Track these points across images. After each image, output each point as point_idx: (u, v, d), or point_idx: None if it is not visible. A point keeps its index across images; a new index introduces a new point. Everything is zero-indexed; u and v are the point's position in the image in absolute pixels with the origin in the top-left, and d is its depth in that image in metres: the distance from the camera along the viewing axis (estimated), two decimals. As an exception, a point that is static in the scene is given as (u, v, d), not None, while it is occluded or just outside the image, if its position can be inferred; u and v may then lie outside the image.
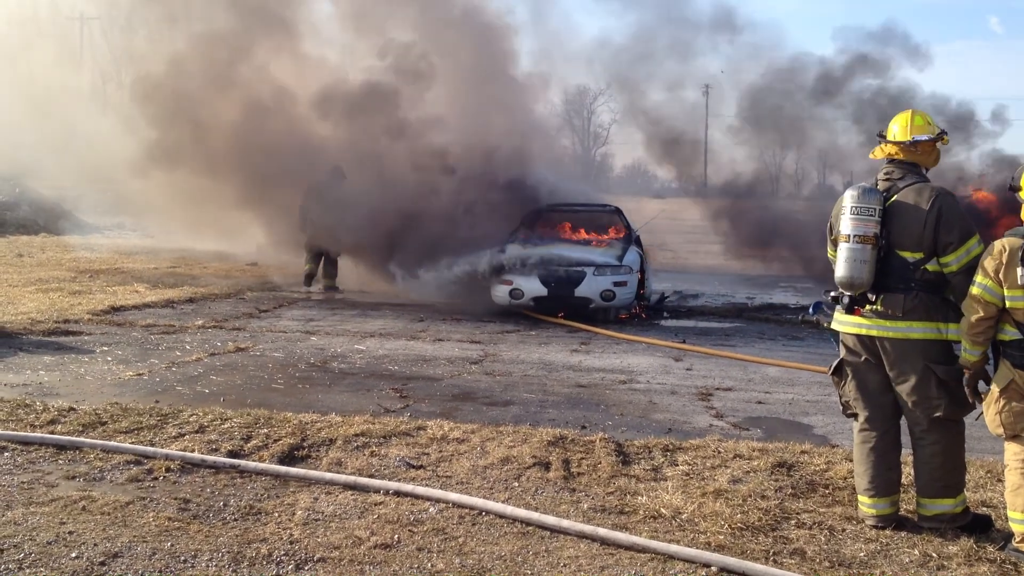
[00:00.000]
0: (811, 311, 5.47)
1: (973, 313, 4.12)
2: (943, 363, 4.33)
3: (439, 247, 12.83)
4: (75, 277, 14.10)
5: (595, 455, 5.40)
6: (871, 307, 4.42)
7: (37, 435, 5.42)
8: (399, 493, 4.67)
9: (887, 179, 4.51)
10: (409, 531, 4.20)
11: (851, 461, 4.86)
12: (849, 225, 4.38)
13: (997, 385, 4.09)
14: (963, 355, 4.23)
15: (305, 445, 5.47)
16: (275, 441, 5.48)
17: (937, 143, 4.56)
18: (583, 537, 4.14)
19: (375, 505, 4.53)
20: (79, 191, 25.77)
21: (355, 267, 14.56)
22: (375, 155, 14.38)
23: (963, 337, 4.21)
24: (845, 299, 4.48)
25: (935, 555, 4.08)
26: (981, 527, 4.38)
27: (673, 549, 3.98)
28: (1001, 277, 4.01)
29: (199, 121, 15.10)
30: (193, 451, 5.27)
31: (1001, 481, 4.73)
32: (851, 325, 4.53)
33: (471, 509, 4.47)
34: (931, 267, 4.34)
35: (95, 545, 3.92)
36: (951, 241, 4.28)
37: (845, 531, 4.37)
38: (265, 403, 6.59)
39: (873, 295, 4.40)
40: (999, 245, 4.08)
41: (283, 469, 5.01)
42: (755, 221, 20.35)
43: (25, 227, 22.39)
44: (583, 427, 6.23)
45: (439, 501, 4.57)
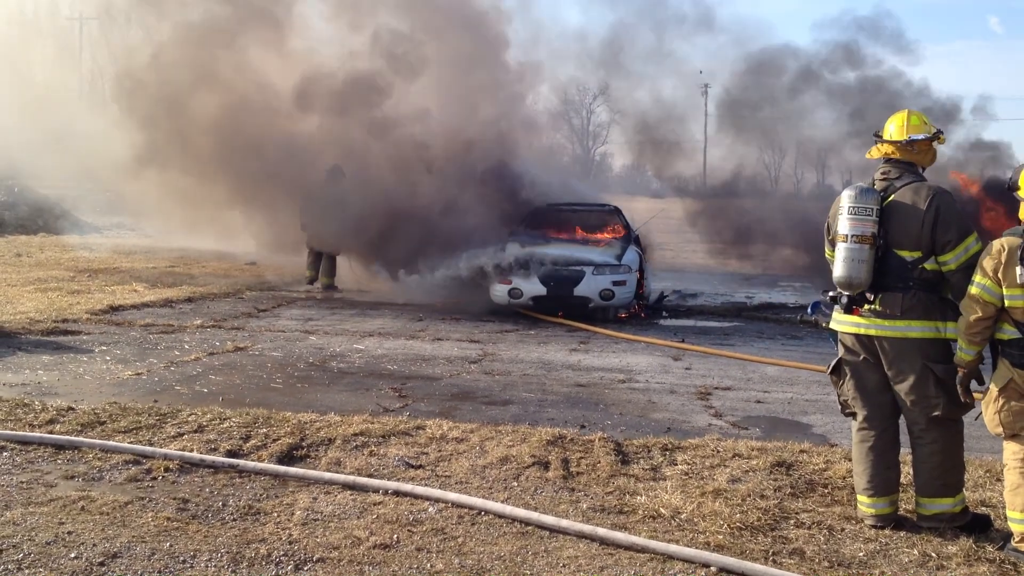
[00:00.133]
0: (810, 311, 5.47)
1: (971, 313, 4.12)
2: (941, 362, 4.33)
3: (434, 245, 12.79)
4: (74, 277, 14.09)
5: (594, 454, 5.39)
6: (869, 306, 4.42)
7: (36, 435, 5.41)
8: (398, 493, 4.67)
9: (884, 179, 4.51)
10: (408, 531, 4.20)
11: (850, 460, 4.86)
12: (847, 225, 4.38)
13: (996, 384, 4.09)
14: (959, 354, 4.24)
15: (304, 445, 5.46)
16: (274, 441, 5.48)
17: (933, 142, 4.57)
18: (582, 537, 4.14)
19: (374, 505, 4.53)
20: (78, 191, 25.78)
21: (351, 267, 14.52)
22: (362, 149, 14.20)
23: (960, 336, 4.21)
24: (843, 299, 4.49)
25: (934, 555, 4.08)
26: (980, 527, 4.38)
27: (672, 549, 3.98)
28: (1000, 276, 4.01)
29: (183, 118, 14.87)
30: (192, 451, 5.26)
31: (1000, 481, 4.73)
32: (849, 324, 4.53)
33: (470, 509, 4.47)
34: (929, 266, 4.35)
35: (94, 545, 3.92)
36: (949, 240, 4.29)
37: (844, 531, 4.37)
38: (264, 403, 6.59)
39: (871, 294, 4.40)
40: (998, 244, 4.08)
41: (282, 469, 5.01)
42: (731, 220, 20.70)
43: (24, 227, 22.38)
44: (582, 426, 6.23)
45: (438, 501, 4.57)
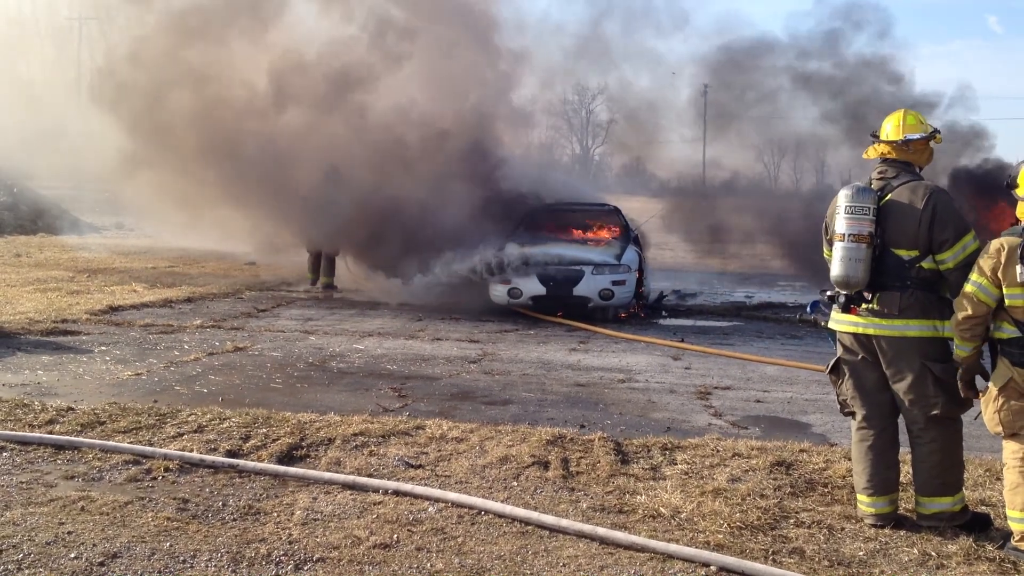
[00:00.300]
0: (808, 310, 5.48)
1: (961, 311, 4.12)
2: (940, 361, 4.33)
3: (431, 244, 12.77)
4: (73, 277, 14.09)
5: (594, 454, 5.39)
6: (867, 306, 4.42)
7: (35, 435, 5.41)
8: (398, 493, 4.67)
9: (881, 178, 4.52)
10: (408, 531, 4.20)
11: (850, 460, 4.86)
12: (844, 224, 4.39)
13: (995, 384, 4.09)
14: (955, 351, 4.25)
15: (304, 445, 5.46)
16: (274, 441, 5.48)
17: (930, 141, 4.57)
18: (582, 536, 4.14)
19: (374, 505, 4.53)
20: (77, 191, 25.77)
21: (347, 267, 14.50)
22: (350, 145, 14.04)
23: (953, 333, 4.22)
24: (841, 298, 4.49)
25: (934, 554, 4.08)
26: (980, 525, 4.38)
27: (672, 548, 3.98)
28: (1000, 276, 4.01)
29: (165, 116, 14.68)
30: (192, 451, 5.26)
31: (1000, 480, 4.73)
32: (847, 324, 4.54)
33: (470, 509, 4.47)
34: (927, 265, 4.35)
35: (94, 545, 3.92)
36: (946, 238, 4.29)
37: (844, 530, 4.37)
38: (263, 403, 6.59)
39: (869, 293, 4.40)
40: (997, 244, 4.07)
41: (282, 469, 5.01)
42: (708, 219, 21.50)
43: (23, 227, 22.38)
44: (582, 426, 6.23)
45: (438, 501, 4.57)
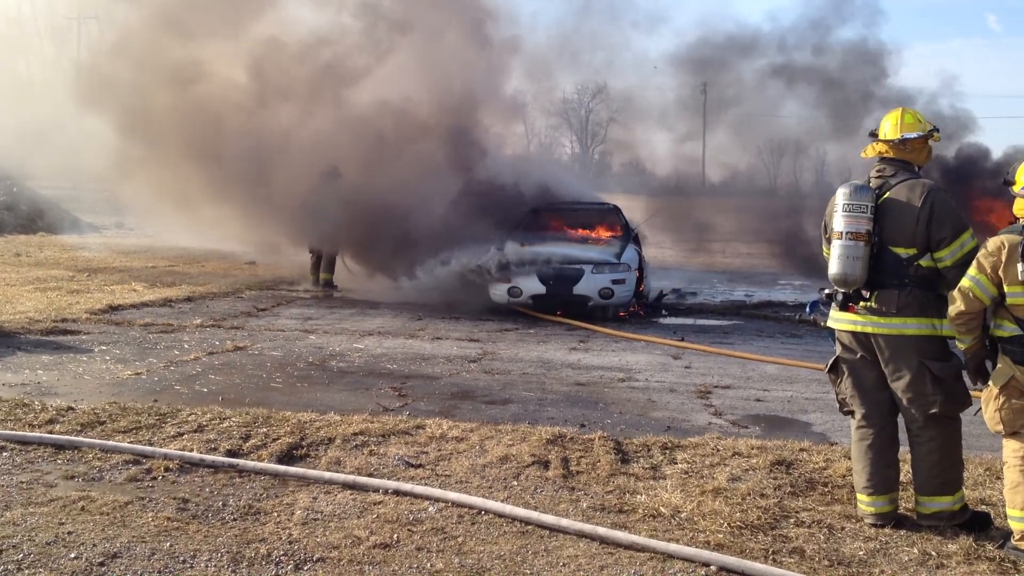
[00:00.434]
0: (808, 310, 5.48)
1: (953, 306, 4.13)
2: (938, 359, 4.33)
3: (429, 242, 12.76)
4: (73, 276, 14.09)
5: (594, 453, 5.39)
6: (865, 304, 4.42)
7: (35, 435, 5.41)
8: (398, 492, 4.67)
9: (879, 176, 4.52)
10: (408, 530, 4.20)
11: (850, 459, 4.86)
12: (842, 222, 4.39)
13: (996, 382, 4.08)
14: (958, 344, 4.26)
15: (304, 444, 5.46)
16: (274, 440, 5.48)
17: (928, 140, 4.57)
18: (582, 536, 4.14)
19: (374, 504, 4.52)
20: (77, 191, 25.76)
21: (345, 265, 14.50)
22: (333, 138, 13.99)
23: (952, 328, 4.23)
24: (839, 296, 4.49)
25: (934, 553, 4.08)
26: (980, 524, 4.38)
27: (672, 548, 3.98)
28: (1001, 274, 4.01)
29: (150, 114, 14.66)
30: (192, 450, 5.26)
31: (1000, 479, 4.73)
32: (846, 322, 4.54)
33: (470, 508, 4.47)
34: (925, 263, 4.35)
35: (94, 545, 3.92)
36: (944, 236, 4.29)
37: (844, 529, 4.37)
38: (264, 402, 6.59)
39: (867, 292, 4.40)
40: (997, 242, 4.06)
41: (282, 468, 5.00)
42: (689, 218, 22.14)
43: (23, 226, 22.39)
44: (582, 425, 6.23)
45: (438, 500, 4.57)
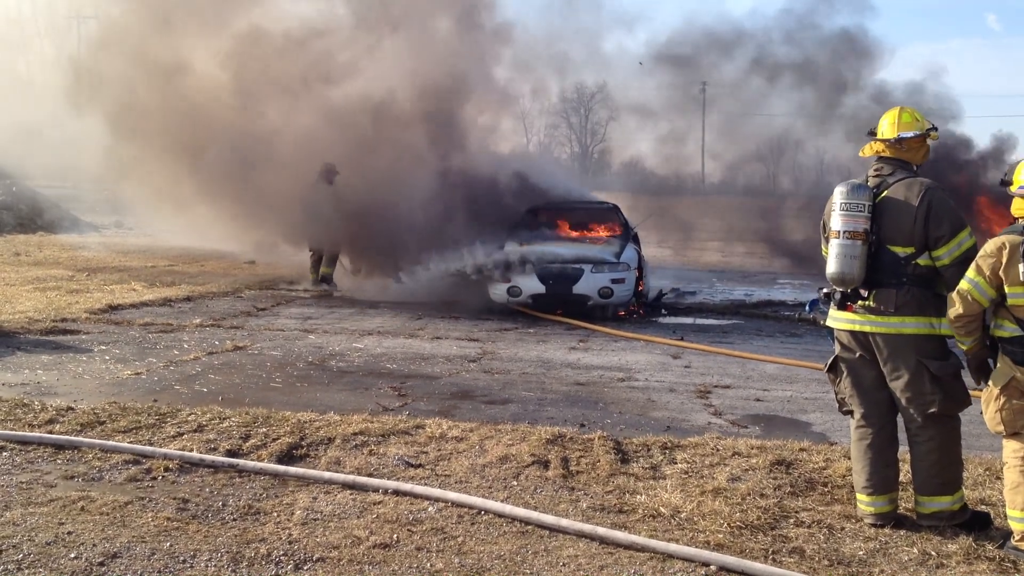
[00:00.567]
0: (807, 309, 5.48)
1: (952, 308, 4.12)
2: (936, 358, 4.33)
3: (427, 242, 12.76)
4: (72, 276, 14.08)
5: (594, 453, 5.39)
6: (863, 303, 4.42)
7: (35, 435, 5.41)
8: (398, 492, 4.67)
9: (877, 175, 4.52)
10: (408, 530, 4.20)
11: (850, 459, 4.86)
12: (839, 221, 4.39)
13: (996, 383, 4.08)
14: (959, 346, 4.25)
15: (304, 444, 5.46)
16: (273, 440, 5.48)
17: (926, 139, 4.54)
18: (582, 536, 4.14)
19: (374, 504, 4.53)
20: (76, 190, 25.75)
21: (343, 266, 14.49)
22: (320, 134, 13.91)
23: (951, 330, 4.23)
24: (837, 295, 4.49)
25: (934, 553, 4.08)
26: (980, 524, 4.38)
27: (672, 548, 3.98)
28: (1001, 275, 4.00)
29: (136, 111, 14.62)
30: (192, 450, 5.26)
31: (1000, 479, 4.73)
32: (844, 321, 4.54)
33: (470, 508, 4.47)
34: (923, 261, 4.34)
35: (94, 545, 3.92)
36: (942, 235, 4.28)
37: (844, 529, 4.37)
38: (263, 402, 6.59)
39: (865, 291, 4.40)
40: (997, 242, 4.05)
41: (282, 468, 5.00)
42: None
43: (23, 226, 22.36)
44: (582, 425, 6.23)
45: (438, 500, 4.57)
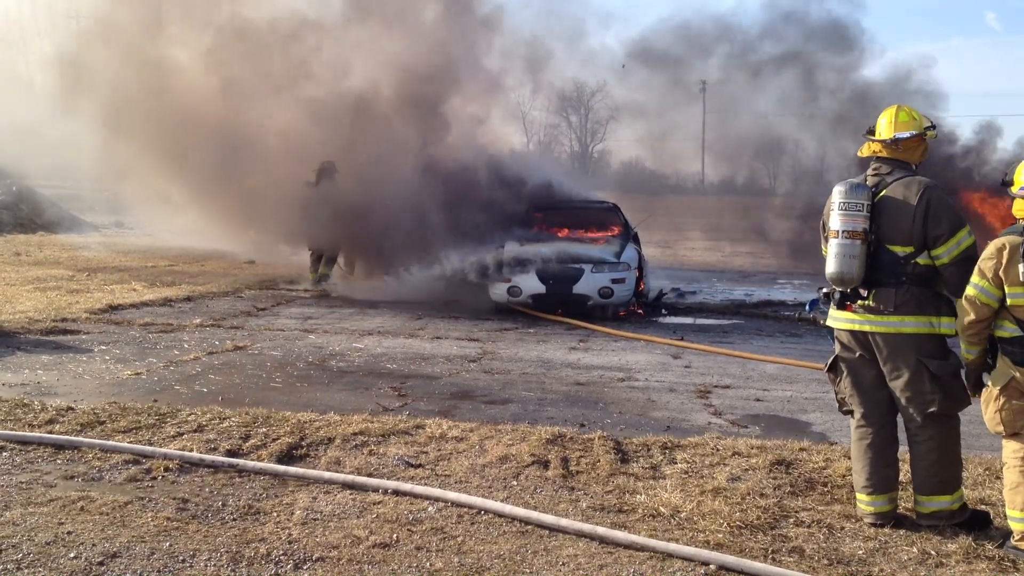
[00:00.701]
0: (807, 308, 5.48)
1: (965, 315, 4.11)
2: (936, 358, 4.32)
3: (426, 240, 12.77)
4: (73, 276, 14.09)
5: (594, 453, 5.39)
6: (863, 302, 4.42)
7: (35, 435, 5.41)
8: (398, 492, 4.67)
9: (875, 174, 4.51)
10: (408, 530, 4.20)
11: (849, 458, 4.86)
12: (838, 221, 4.39)
13: (996, 383, 4.08)
14: (962, 353, 4.24)
15: (303, 444, 5.46)
16: (273, 440, 5.48)
17: (923, 137, 4.51)
18: (582, 536, 4.14)
19: (374, 504, 4.53)
20: (76, 190, 25.75)
21: (340, 266, 14.49)
22: (307, 130, 13.92)
23: (960, 337, 4.21)
24: (836, 295, 4.49)
25: (934, 552, 4.08)
26: (980, 523, 4.38)
27: (672, 547, 3.98)
28: (1002, 275, 4.00)
29: (125, 111, 14.64)
30: (192, 450, 5.26)
31: (999, 479, 4.73)
32: (844, 321, 4.53)
33: (470, 508, 4.47)
34: (922, 261, 4.34)
35: (94, 545, 3.92)
36: (941, 233, 4.28)
37: (844, 529, 4.37)
38: (263, 402, 6.59)
39: (864, 290, 4.40)
40: (998, 243, 4.05)
41: (282, 468, 5.00)
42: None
43: (23, 226, 22.38)
44: (582, 425, 6.23)
45: (438, 500, 4.57)
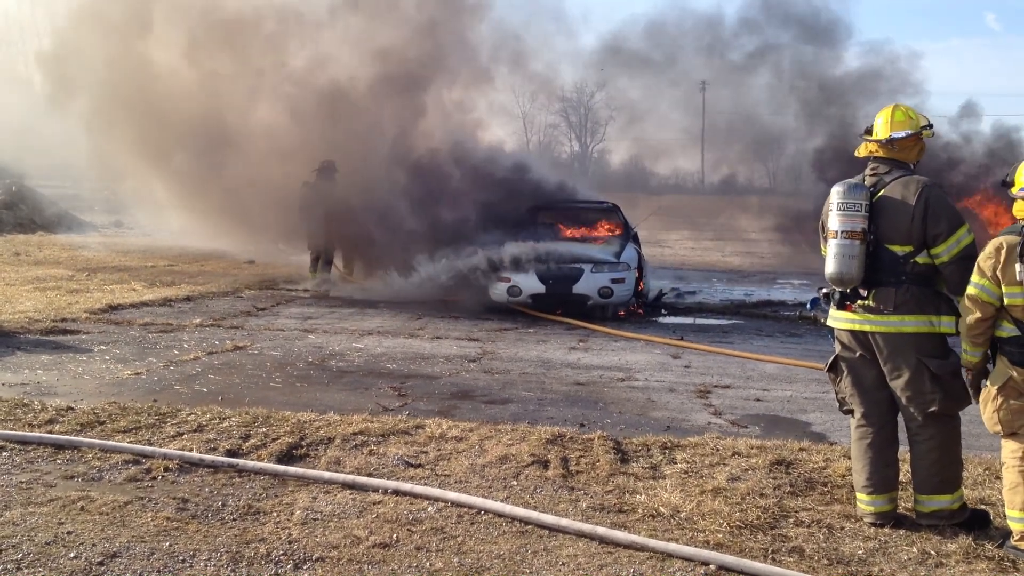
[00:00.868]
0: (808, 307, 5.48)
1: (970, 315, 4.11)
2: (936, 357, 4.32)
3: (425, 240, 12.77)
4: (72, 276, 14.09)
5: (593, 453, 5.39)
6: (863, 302, 4.41)
7: (35, 435, 5.41)
8: (398, 492, 4.67)
9: (874, 174, 4.51)
10: (408, 530, 4.20)
11: (849, 458, 4.86)
12: (837, 221, 4.38)
13: (994, 383, 4.08)
14: (964, 356, 4.23)
15: (303, 444, 5.46)
16: (273, 440, 5.48)
17: (920, 136, 4.50)
18: (582, 536, 4.14)
19: (374, 504, 4.53)
20: (76, 190, 25.76)
21: (337, 267, 14.50)
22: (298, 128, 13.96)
23: (963, 339, 4.20)
24: (836, 295, 4.49)
25: (933, 552, 4.08)
26: (979, 523, 4.38)
27: (672, 547, 3.98)
28: (999, 274, 4.00)
29: (112, 110, 14.74)
30: (191, 450, 5.26)
31: (999, 479, 4.73)
32: (844, 321, 4.53)
33: (470, 508, 4.47)
34: (921, 260, 4.34)
35: (93, 545, 3.92)
36: (940, 232, 4.28)
37: (844, 529, 4.37)
38: (263, 402, 6.59)
39: (864, 290, 4.40)
40: (996, 243, 4.06)
41: (281, 468, 5.00)
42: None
43: (23, 226, 22.40)
44: (581, 425, 6.23)
45: (438, 500, 4.57)
